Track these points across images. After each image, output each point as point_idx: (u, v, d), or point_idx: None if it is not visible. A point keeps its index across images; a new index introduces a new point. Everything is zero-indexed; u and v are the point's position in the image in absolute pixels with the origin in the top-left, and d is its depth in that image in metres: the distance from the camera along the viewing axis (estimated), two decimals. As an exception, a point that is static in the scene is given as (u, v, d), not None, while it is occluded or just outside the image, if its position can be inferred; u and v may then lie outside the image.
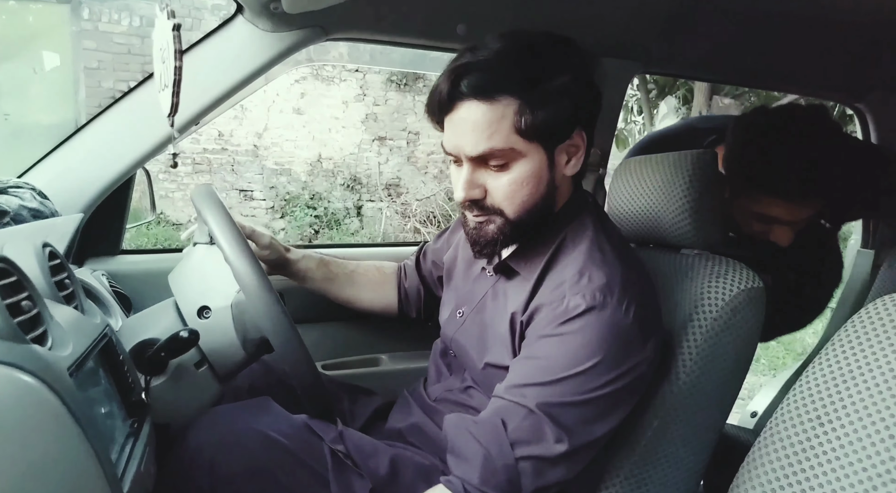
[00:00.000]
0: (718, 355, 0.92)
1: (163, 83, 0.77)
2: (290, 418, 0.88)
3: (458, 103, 0.80)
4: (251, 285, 0.78)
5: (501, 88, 0.78)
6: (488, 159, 0.81)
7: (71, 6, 5.12)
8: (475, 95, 0.78)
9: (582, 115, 0.83)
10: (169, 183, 5.70)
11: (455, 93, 0.80)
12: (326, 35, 1.19)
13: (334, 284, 1.20)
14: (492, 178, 0.83)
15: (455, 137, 0.82)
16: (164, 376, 0.82)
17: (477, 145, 0.80)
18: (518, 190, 0.82)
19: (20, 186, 1.05)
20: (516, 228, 0.85)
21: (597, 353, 0.77)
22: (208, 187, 0.89)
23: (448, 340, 1.02)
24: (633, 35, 1.40)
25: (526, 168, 0.82)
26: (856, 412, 0.69)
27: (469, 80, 0.78)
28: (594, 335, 0.77)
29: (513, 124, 0.79)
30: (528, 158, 0.81)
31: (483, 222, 0.86)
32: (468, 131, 0.80)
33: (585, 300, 0.78)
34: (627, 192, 1.12)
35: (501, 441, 0.76)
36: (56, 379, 0.50)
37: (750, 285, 0.94)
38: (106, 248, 1.30)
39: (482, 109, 0.78)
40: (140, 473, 0.63)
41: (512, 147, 0.80)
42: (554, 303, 0.80)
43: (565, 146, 0.84)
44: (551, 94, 0.79)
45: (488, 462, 0.76)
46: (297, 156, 6.19)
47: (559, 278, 0.83)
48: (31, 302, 0.56)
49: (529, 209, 0.84)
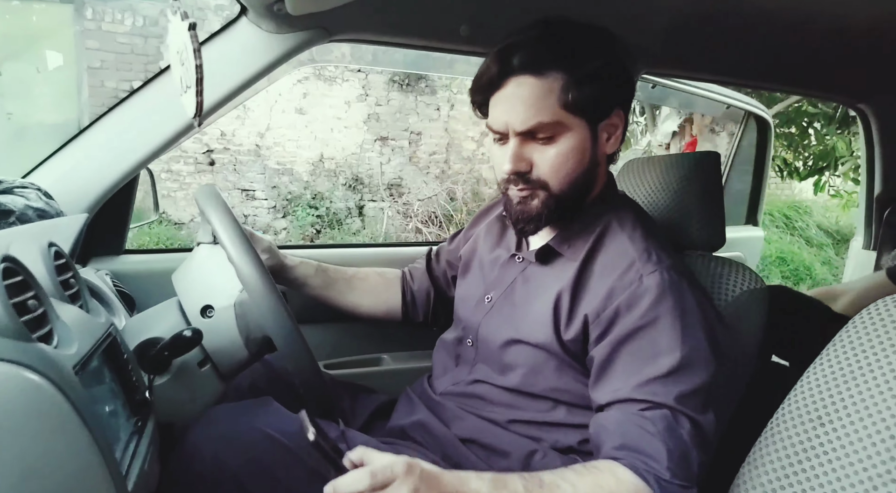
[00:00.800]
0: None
1: (184, 85, 0.77)
2: (292, 417, 0.89)
3: (508, 79, 0.85)
4: (254, 284, 0.78)
5: (549, 64, 0.83)
6: (536, 133, 0.85)
7: (74, 6, 5.13)
8: (525, 71, 0.84)
9: (621, 95, 0.89)
10: (171, 182, 5.71)
11: (506, 69, 0.85)
12: (330, 36, 1.20)
13: (333, 290, 1.19)
14: (538, 152, 0.87)
15: (504, 114, 0.86)
16: (167, 375, 0.83)
17: (526, 120, 0.84)
18: (564, 163, 0.86)
19: (25, 187, 1.05)
20: (559, 201, 0.89)
21: (693, 324, 0.81)
22: (212, 187, 0.90)
23: (471, 326, 1.02)
24: (635, 36, 1.40)
25: (571, 142, 0.86)
26: (856, 412, 0.69)
27: (520, 56, 0.84)
28: (684, 308, 0.82)
29: (559, 99, 0.84)
30: (574, 132, 0.86)
31: (527, 197, 0.89)
32: (518, 106, 0.84)
33: (664, 278, 0.83)
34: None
35: (674, 433, 0.78)
36: (61, 377, 0.51)
37: (752, 286, 0.94)
38: (110, 247, 1.31)
39: (531, 83, 0.84)
40: (144, 471, 0.63)
41: (559, 120, 0.85)
42: (632, 285, 0.83)
43: (606, 124, 0.89)
44: (596, 72, 0.84)
45: (670, 456, 0.77)
46: (300, 156, 6.20)
47: (617, 259, 0.87)
48: (36, 301, 0.57)
49: (573, 183, 0.88)
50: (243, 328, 0.86)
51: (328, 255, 1.56)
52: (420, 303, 1.23)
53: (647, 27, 1.36)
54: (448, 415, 1.01)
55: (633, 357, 0.82)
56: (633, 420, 0.80)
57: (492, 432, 0.96)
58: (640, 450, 0.78)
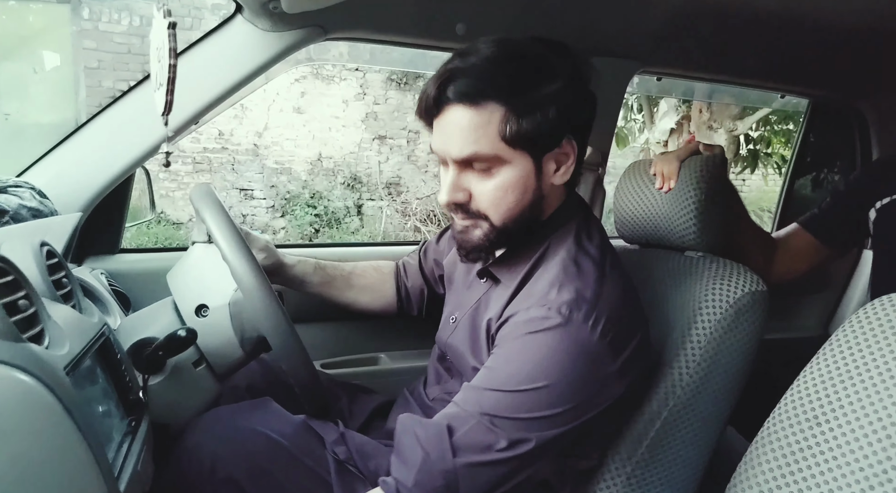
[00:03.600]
0: (722, 357, 0.92)
1: (158, 82, 0.77)
2: (291, 418, 0.88)
3: (445, 107, 0.80)
4: (249, 283, 0.78)
5: (487, 95, 0.77)
6: (473, 163, 0.81)
7: (71, 6, 5.12)
8: (461, 101, 0.78)
9: (572, 122, 0.82)
10: (169, 182, 5.71)
11: (442, 97, 0.79)
12: (326, 34, 1.19)
13: (332, 287, 1.18)
14: (477, 182, 0.82)
15: (442, 140, 0.81)
16: (162, 375, 0.83)
17: (462, 149, 0.79)
18: (503, 196, 0.81)
19: (20, 186, 1.05)
20: (502, 234, 0.84)
21: (553, 373, 0.74)
22: (207, 186, 0.89)
23: (443, 345, 1.01)
24: (632, 34, 1.39)
25: (511, 175, 0.81)
26: (853, 412, 0.69)
27: (456, 85, 0.78)
28: (554, 352, 0.75)
29: (498, 131, 0.78)
30: (513, 165, 0.80)
31: (469, 226, 0.85)
32: (454, 135, 0.79)
33: (550, 314, 0.76)
34: (634, 193, 1.12)
35: (443, 446, 0.74)
36: (52, 378, 0.50)
37: (753, 288, 0.94)
38: (105, 247, 1.30)
39: (468, 114, 0.78)
40: (137, 471, 0.63)
41: (497, 154, 0.79)
42: (520, 313, 0.79)
43: (554, 154, 0.83)
44: (538, 102, 0.78)
45: (426, 466, 0.74)
46: (298, 155, 6.19)
47: (534, 289, 0.82)
48: (28, 301, 0.56)
49: (515, 217, 0.83)
50: (238, 328, 0.85)
51: (327, 254, 1.56)
52: (414, 298, 1.23)
53: (643, 25, 1.36)
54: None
55: (485, 370, 0.80)
56: (414, 424, 0.79)
57: None
58: (400, 456, 0.77)
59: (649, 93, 5.20)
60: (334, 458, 0.85)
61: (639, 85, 2.58)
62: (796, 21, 1.32)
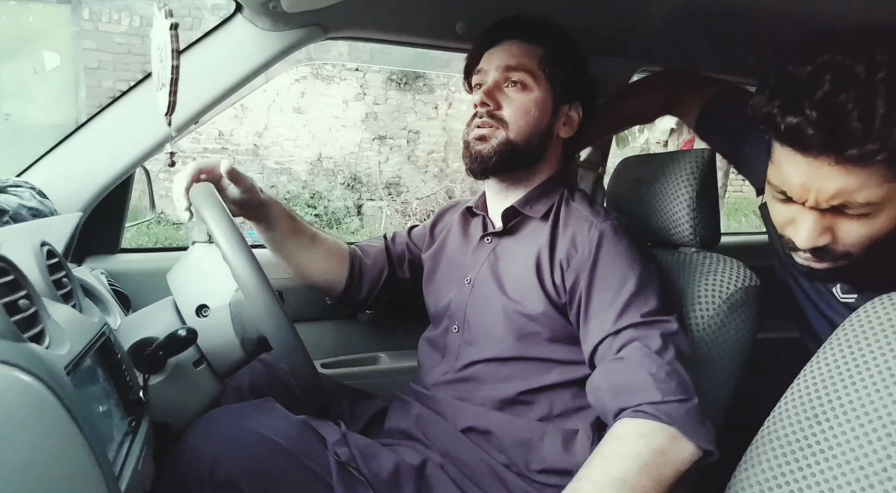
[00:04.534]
0: (715, 353, 0.93)
1: (160, 82, 0.77)
2: (292, 419, 0.88)
3: (501, 42, 1.05)
4: (249, 283, 0.78)
5: (536, 39, 1.04)
6: (513, 76, 1.02)
7: (71, 6, 5.13)
8: (516, 36, 1.04)
9: (583, 93, 1.07)
10: (169, 182, 5.70)
11: (500, 34, 1.06)
12: (326, 34, 1.19)
13: (294, 241, 1.13)
14: (511, 93, 1.02)
15: (492, 59, 1.04)
16: (162, 375, 0.82)
17: (508, 59, 1.02)
18: (526, 111, 1.01)
19: (19, 185, 1.05)
20: (512, 148, 1.00)
21: (638, 254, 0.94)
22: (207, 186, 0.89)
23: (457, 311, 1.06)
24: (633, 33, 1.39)
25: (537, 96, 1.02)
26: (853, 410, 0.69)
27: (513, 24, 1.06)
28: (629, 244, 0.95)
29: (539, 62, 1.02)
30: (541, 92, 1.02)
31: (487, 134, 1.01)
32: (506, 53, 1.03)
33: (615, 225, 0.96)
34: (626, 190, 1.12)
35: (649, 357, 0.84)
36: (53, 378, 0.50)
37: (746, 284, 0.94)
38: (105, 246, 1.30)
39: (519, 44, 1.04)
40: (138, 471, 0.63)
41: (533, 72, 1.02)
42: (591, 232, 0.95)
43: (566, 109, 1.05)
44: (567, 61, 1.05)
45: (656, 379, 0.82)
46: (298, 155, 6.20)
47: (578, 218, 0.99)
48: (28, 301, 0.56)
49: (527, 134, 1.01)
50: (238, 328, 0.85)
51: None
52: (367, 279, 1.18)
53: (643, 23, 1.36)
54: (443, 407, 1.01)
55: (603, 291, 0.91)
56: (614, 368, 0.86)
57: (487, 417, 0.97)
58: (630, 389, 0.83)
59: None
60: (336, 459, 0.85)
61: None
62: (797, 19, 1.31)
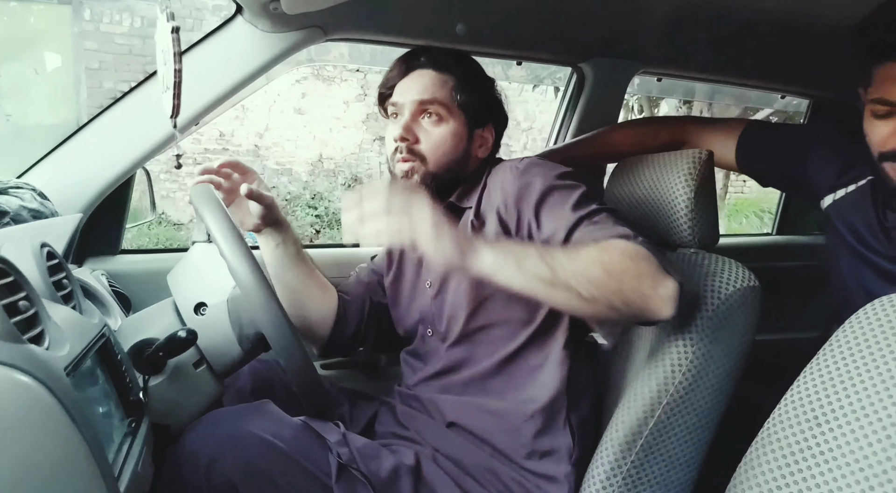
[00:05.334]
0: (715, 354, 0.92)
1: (165, 85, 0.77)
2: (290, 421, 0.88)
3: (413, 71, 1.07)
4: (246, 279, 0.78)
5: (447, 68, 1.07)
6: (428, 109, 1.05)
7: (72, 7, 5.13)
8: (430, 65, 1.07)
9: (493, 117, 1.12)
10: (170, 183, 5.71)
11: (414, 63, 1.08)
12: (325, 35, 1.19)
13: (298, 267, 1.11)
14: (425, 131, 1.05)
15: (405, 93, 1.06)
16: (162, 376, 0.82)
17: (423, 92, 1.05)
18: (443, 143, 1.05)
19: (20, 187, 1.05)
20: (435, 178, 1.05)
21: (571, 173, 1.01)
22: (206, 186, 0.90)
23: (425, 315, 1.08)
24: (632, 35, 1.40)
25: (453, 128, 1.06)
26: (853, 412, 0.69)
27: (427, 56, 1.08)
28: (553, 164, 1.02)
29: (451, 92, 1.06)
30: (455, 122, 1.06)
31: (408, 170, 1.05)
32: (419, 85, 1.06)
33: (534, 158, 1.05)
34: (624, 190, 1.12)
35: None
36: (53, 379, 0.51)
37: (746, 284, 0.94)
38: (106, 248, 1.30)
39: (433, 74, 1.06)
40: (137, 472, 0.63)
41: (447, 105, 1.05)
42: (517, 172, 1.00)
43: (480, 133, 1.10)
44: (476, 88, 1.09)
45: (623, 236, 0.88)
46: (299, 156, 6.20)
47: (500, 175, 1.04)
48: (28, 302, 0.56)
49: (446, 164, 1.06)
50: (236, 324, 0.85)
51: (327, 254, 1.56)
52: (353, 314, 1.16)
53: (643, 26, 1.36)
54: (426, 406, 1.03)
55: (554, 207, 0.95)
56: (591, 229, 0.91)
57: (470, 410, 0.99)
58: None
59: (650, 94, 5.21)
60: (337, 460, 0.85)
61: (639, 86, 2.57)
62: (796, 21, 1.32)
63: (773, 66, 1.59)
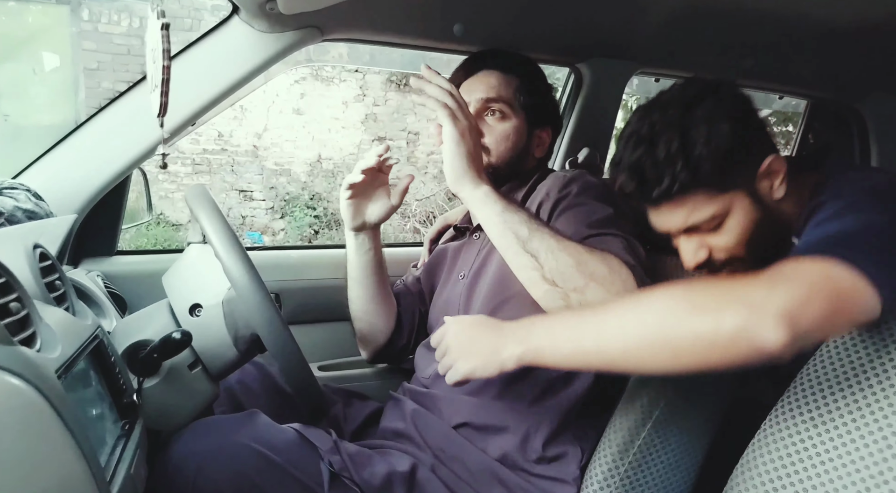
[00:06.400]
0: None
1: (153, 84, 0.77)
2: (280, 430, 0.87)
3: (480, 71, 1.13)
4: (241, 281, 0.78)
5: (512, 70, 1.12)
6: (492, 105, 1.10)
7: (70, 7, 5.13)
8: (495, 67, 1.12)
9: (551, 120, 1.18)
10: (169, 184, 5.71)
11: (480, 64, 1.14)
12: (322, 36, 1.19)
13: (381, 272, 1.16)
14: (489, 126, 1.10)
15: (472, 91, 1.11)
16: (157, 378, 0.82)
17: (489, 91, 1.10)
18: (506, 139, 1.10)
19: (15, 188, 1.04)
20: (494, 171, 1.08)
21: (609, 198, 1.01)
22: (201, 187, 0.89)
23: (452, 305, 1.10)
24: (630, 35, 1.39)
25: (515, 125, 1.11)
26: (850, 413, 0.69)
27: (491, 58, 1.14)
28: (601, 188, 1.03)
29: (514, 93, 1.11)
30: (517, 120, 1.11)
31: None
32: (485, 85, 1.11)
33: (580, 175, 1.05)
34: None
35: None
36: (43, 381, 0.50)
37: None
38: (102, 249, 1.30)
39: (498, 75, 1.12)
40: (130, 475, 0.62)
41: (510, 103, 1.10)
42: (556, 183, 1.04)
43: (538, 133, 1.15)
44: (538, 92, 1.15)
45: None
46: (297, 156, 6.20)
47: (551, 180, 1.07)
48: (19, 304, 0.56)
49: (507, 158, 1.10)
50: (231, 326, 0.85)
51: (326, 255, 1.56)
52: (406, 323, 1.19)
53: (640, 26, 1.36)
54: (438, 404, 1.02)
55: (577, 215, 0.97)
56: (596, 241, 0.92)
57: (485, 409, 0.98)
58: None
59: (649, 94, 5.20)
60: (329, 469, 0.85)
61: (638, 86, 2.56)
62: (794, 22, 1.31)
63: (771, 67, 1.59)
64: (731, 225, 0.85)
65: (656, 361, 0.68)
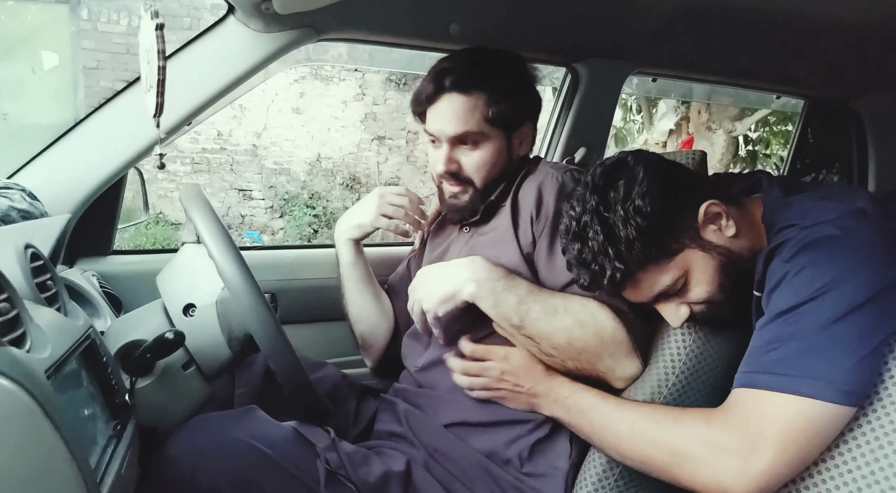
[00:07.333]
0: (708, 355, 0.92)
1: (148, 84, 0.77)
2: (278, 427, 0.87)
3: (441, 96, 1.03)
4: (234, 281, 0.78)
5: (475, 85, 1.02)
6: (465, 139, 1.04)
7: (70, 6, 5.12)
8: (455, 89, 1.02)
9: (531, 110, 1.11)
10: (168, 183, 5.71)
11: (440, 88, 1.03)
12: (318, 35, 1.19)
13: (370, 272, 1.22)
14: (465, 155, 1.06)
15: (438, 123, 1.04)
16: (151, 378, 0.82)
17: (456, 127, 1.03)
18: (485, 165, 1.06)
19: (10, 187, 1.04)
20: (485, 195, 1.07)
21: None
22: (196, 187, 0.89)
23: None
24: (627, 35, 1.39)
25: (492, 148, 1.06)
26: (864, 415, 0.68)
27: (451, 78, 1.03)
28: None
29: (482, 113, 1.03)
30: (493, 141, 1.05)
31: (459, 192, 1.08)
32: (449, 117, 1.03)
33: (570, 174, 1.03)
34: None
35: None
36: (32, 382, 0.50)
37: None
38: (97, 248, 1.29)
39: (460, 99, 1.02)
40: (121, 475, 0.62)
41: (482, 131, 1.03)
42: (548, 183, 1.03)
43: (519, 133, 1.09)
44: (509, 93, 1.05)
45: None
46: (296, 155, 6.20)
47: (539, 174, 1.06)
48: (9, 304, 0.56)
49: (494, 180, 1.07)
50: (225, 326, 0.85)
51: (322, 254, 1.55)
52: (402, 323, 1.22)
53: (637, 25, 1.35)
54: (430, 402, 1.03)
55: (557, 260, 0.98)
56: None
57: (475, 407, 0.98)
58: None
59: (648, 94, 5.20)
60: (325, 467, 0.85)
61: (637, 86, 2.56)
62: (791, 21, 1.31)
63: (768, 67, 1.59)
64: (698, 279, 0.86)
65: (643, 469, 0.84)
